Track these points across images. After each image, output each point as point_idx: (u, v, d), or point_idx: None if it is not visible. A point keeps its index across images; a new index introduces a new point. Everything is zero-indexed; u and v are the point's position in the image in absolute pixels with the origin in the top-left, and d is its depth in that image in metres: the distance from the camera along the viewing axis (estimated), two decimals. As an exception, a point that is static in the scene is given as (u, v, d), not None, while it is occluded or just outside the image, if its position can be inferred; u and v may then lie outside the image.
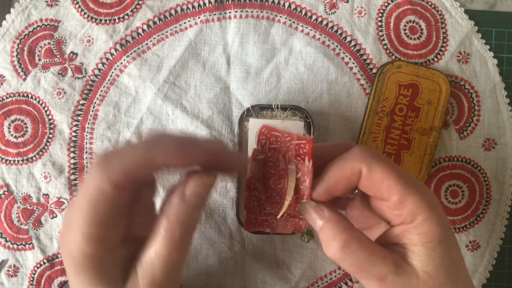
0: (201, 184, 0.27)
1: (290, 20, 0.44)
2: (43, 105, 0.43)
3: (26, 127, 0.43)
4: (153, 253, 0.26)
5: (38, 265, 0.43)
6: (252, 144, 0.41)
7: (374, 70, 0.44)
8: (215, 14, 0.44)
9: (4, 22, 0.44)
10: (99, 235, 0.25)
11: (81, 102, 0.44)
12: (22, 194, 0.43)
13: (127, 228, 0.28)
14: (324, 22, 0.44)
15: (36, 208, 0.43)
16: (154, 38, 0.44)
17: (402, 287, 0.27)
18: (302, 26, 0.44)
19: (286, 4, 0.44)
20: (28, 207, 0.43)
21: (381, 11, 0.44)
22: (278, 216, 0.30)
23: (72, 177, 0.43)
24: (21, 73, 0.44)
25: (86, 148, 0.43)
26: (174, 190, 0.27)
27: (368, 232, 0.33)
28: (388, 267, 0.27)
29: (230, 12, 0.44)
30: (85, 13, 0.44)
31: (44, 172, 0.43)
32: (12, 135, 0.43)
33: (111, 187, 0.24)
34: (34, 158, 0.43)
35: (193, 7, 0.44)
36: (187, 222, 0.26)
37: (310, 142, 0.28)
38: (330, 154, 0.30)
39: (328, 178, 0.29)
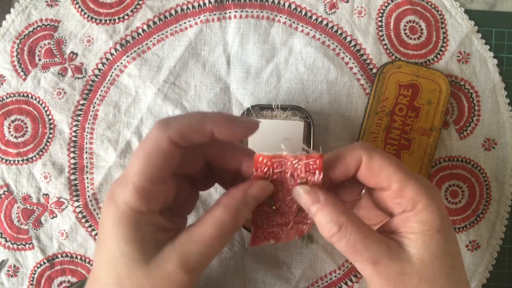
0: (264, 189, 0.29)
1: (290, 20, 0.44)
2: (43, 105, 0.43)
3: (26, 127, 0.43)
4: (198, 236, 0.27)
5: (38, 265, 0.43)
6: (252, 144, 0.41)
7: (374, 70, 0.44)
8: (215, 14, 0.44)
9: (4, 22, 0.44)
10: (148, 190, 0.26)
11: (81, 102, 0.44)
12: (22, 194, 0.43)
13: (170, 203, 0.29)
14: (324, 22, 0.44)
15: (36, 208, 0.43)
16: (154, 38, 0.44)
17: (395, 272, 0.27)
18: (302, 26, 0.44)
19: (286, 4, 0.44)
20: (28, 207, 0.43)
21: (381, 11, 0.44)
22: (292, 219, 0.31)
23: (72, 177, 0.43)
24: (21, 73, 0.44)
25: (86, 148, 0.43)
26: (235, 188, 0.29)
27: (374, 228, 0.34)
28: (382, 251, 0.27)
29: (230, 12, 0.44)
30: (85, 13, 0.44)
31: (44, 172, 0.43)
32: (12, 135, 0.43)
33: (167, 142, 0.26)
34: (34, 158, 0.43)
35: (193, 7, 0.44)
36: (240, 219, 0.28)
37: (320, 158, 0.28)
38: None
39: (328, 158, 0.29)
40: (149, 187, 0.26)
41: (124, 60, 0.44)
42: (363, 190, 0.33)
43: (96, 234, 0.43)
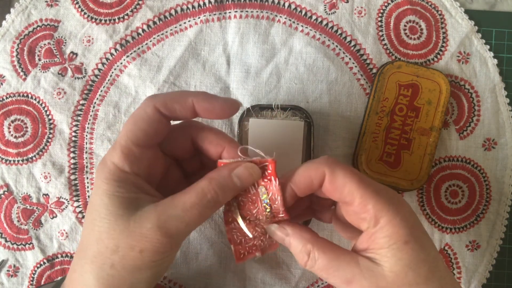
0: (251, 171, 0.30)
1: (290, 20, 0.44)
2: (43, 105, 0.43)
3: (26, 127, 0.43)
4: (179, 201, 0.28)
5: (38, 265, 0.43)
6: (252, 144, 0.41)
7: (374, 70, 0.44)
8: (215, 14, 0.44)
9: (4, 22, 0.44)
10: (132, 151, 0.29)
11: (81, 102, 0.44)
12: (22, 194, 0.43)
13: (157, 178, 0.31)
14: (324, 22, 0.44)
15: (36, 208, 0.43)
16: (154, 38, 0.44)
17: None
18: (302, 26, 0.44)
19: (286, 4, 0.44)
20: (28, 207, 0.43)
21: (381, 11, 0.44)
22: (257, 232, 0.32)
23: (72, 177, 0.43)
24: (21, 73, 0.44)
25: (86, 148, 0.43)
26: (224, 166, 0.30)
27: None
28: (353, 270, 0.28)
29: (230, 12, 0.44)
30: (85, 13, 0.44)
31: (44, 172, 0.43)
32: (12, 135, 0.43)
33: (152, 108, 0.29)
34: (34, 158, 0.43)
35: (193, 7, 0.44)
36: (221, 195, 0.29)
37: (272, 162, 0.30)
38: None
39: (292, 175, 0.30)
40: (133, 149, 0.29)
41: (124, 60, 0.44)
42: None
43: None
